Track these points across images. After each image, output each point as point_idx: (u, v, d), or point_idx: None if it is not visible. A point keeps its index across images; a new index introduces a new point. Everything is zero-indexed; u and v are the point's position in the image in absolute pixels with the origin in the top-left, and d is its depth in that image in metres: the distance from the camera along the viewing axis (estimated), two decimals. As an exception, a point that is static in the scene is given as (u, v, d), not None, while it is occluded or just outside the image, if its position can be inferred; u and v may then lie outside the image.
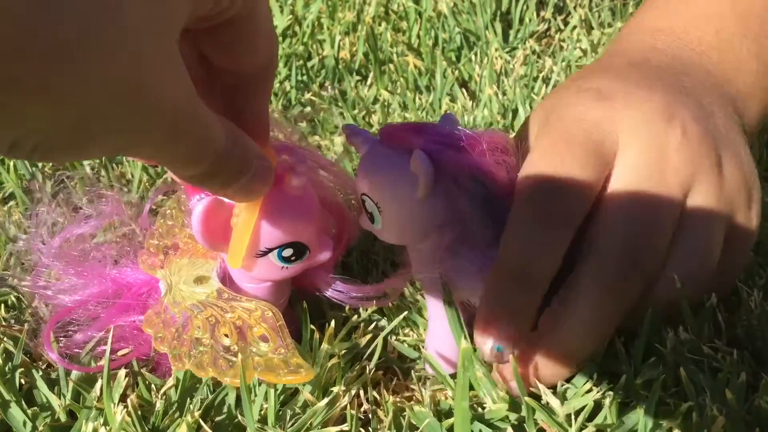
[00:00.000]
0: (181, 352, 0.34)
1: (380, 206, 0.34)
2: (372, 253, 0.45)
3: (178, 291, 0.36)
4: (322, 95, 0.65)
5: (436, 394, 0.36)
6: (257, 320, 0.34)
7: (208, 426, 0.34)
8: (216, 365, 0.33)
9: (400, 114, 0.60)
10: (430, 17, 0.75)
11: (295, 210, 0.34)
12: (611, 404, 0.32)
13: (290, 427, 0.34)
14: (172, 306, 0.35)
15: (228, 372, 0.33)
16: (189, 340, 0.34)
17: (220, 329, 0.34)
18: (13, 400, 0.35)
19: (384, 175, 0.33)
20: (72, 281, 0.38)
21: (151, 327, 0.35)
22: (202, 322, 0.34)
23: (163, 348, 0.34)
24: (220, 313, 0.34)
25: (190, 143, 0.24)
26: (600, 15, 0.76)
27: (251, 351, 0.33)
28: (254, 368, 0.33)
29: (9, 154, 0.20)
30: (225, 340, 0.33)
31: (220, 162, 0.26)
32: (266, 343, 0.33)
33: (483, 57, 0.69)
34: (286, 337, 0.34)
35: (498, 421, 0.34)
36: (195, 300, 0.35)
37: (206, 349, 0.33)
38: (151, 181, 0.54)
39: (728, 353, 0.34)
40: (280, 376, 0.32)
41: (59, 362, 0.37)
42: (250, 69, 0.30)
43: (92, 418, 0.34)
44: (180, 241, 0.39)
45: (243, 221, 0.33)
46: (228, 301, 0.35)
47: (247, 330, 0.34)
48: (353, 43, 0.74)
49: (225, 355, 0.33)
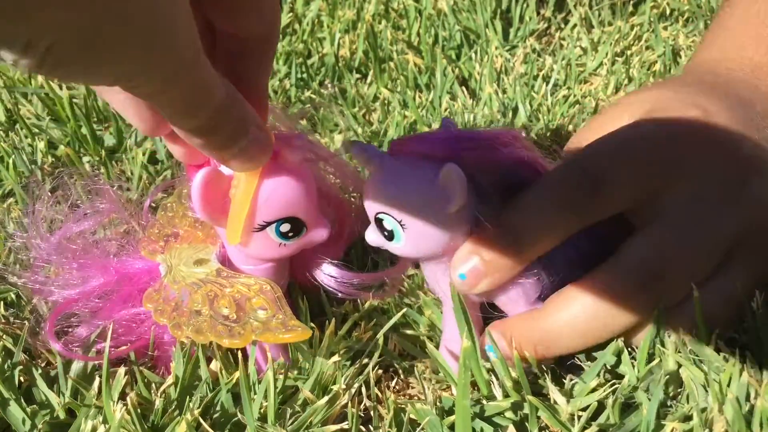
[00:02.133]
0: (180, 321, 0.34)
1: (405, 224, 0.32)
2: (372, 251, 0.45)
3: (178, 271, 0.36)
4: (322, 93, 0.65)
5: (437, 391, 0.36)
6: (256, 293, 0.34)
7: (208, 424, 0.34)
8: (214, 330, 0.33)
9: (400, 112, 0.60)
10: (430, 15, 0.75)
11: (292, 185, 0.33)
12: (614, 404, 0.32)
13: (290, 425, 0.33)
14: (171, 284, 0.35)
15: (226, 335, 0.33)
16: (188, 312, 0.34)
17: (219, 302, 0.34)
18: (13, 397, 0.35)
19: (410, 191, 0.32)
20: (73, 274, 0.38)
21: (151, 302, 0.35)
22: (202, 297, 0.34)
23: (162, 320, 0.34)
24: (220, 288, 0.34)
25: (190, 87, 0.25)
26: (600, 13, 0.76)
27: (249, 319, 0.33)
28: (252, 331, 0.33)
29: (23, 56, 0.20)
30: (224, 310, 0.34)
31: (219, 117, 0.27)
32: (264, 311, 0.33)
33: (483, 55, 0.69)
34: (283, 306, 0.34)
35: (499, 418, 0.34)
36: (195, 278, 0.35)
37: (205, 318, 0.33)
38: (151, 178, 0.54)
39: (730, 354, 0.33)
40: (278, 334, 0.33)
41: (61, 350, 0.37)
42: (253, 35, 0.30)
43: (91, 416, 0.34)
44: (180, 230, 0.39)
45: (242, 192, 0.33)
46: (227, 278, 0.35)
47: (245, 302, 0.34)
48: (353, 41, 0.73)
49: (223, 322, 0.33)
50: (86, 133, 0.58)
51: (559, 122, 0.58)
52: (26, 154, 0.56)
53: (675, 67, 0.65)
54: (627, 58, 0.67)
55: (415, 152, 0.33)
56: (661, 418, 0.32)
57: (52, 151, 0.58)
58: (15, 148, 0.56)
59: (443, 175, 0.31)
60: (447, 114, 0.60)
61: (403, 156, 0.33)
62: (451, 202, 0.31)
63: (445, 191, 0.31)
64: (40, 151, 0.57)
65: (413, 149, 0.33)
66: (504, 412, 0.34)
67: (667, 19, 0.76)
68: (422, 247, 0.33)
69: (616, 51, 0.69)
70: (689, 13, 0.76)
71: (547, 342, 0.34)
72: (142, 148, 0.57)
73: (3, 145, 0.56)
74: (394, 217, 0.32)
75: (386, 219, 0.33)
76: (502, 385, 0.34)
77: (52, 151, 0.58)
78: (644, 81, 0.63)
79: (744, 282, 0.34)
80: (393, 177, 0.33)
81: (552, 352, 0.34)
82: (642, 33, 0.72)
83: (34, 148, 0.57)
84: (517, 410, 0.34)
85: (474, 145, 0.32)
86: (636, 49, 0.70)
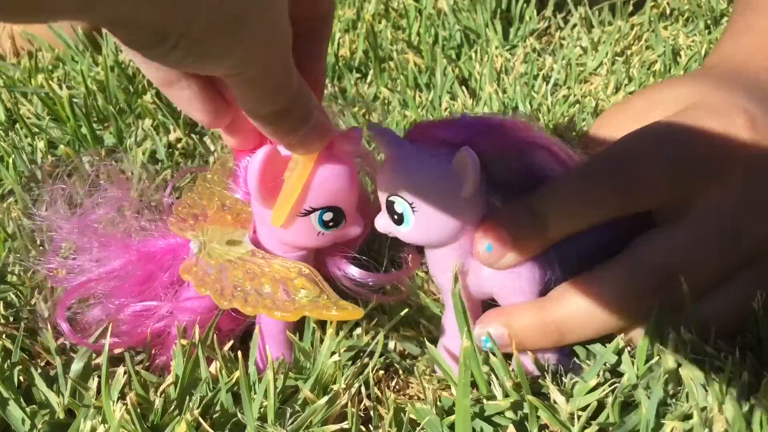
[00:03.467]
0: (225, 292, 0.33)
1: (415, 207, 0.33)
2: (372, 250, 0.45)
3: (213, 248, 0.36)
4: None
5: (437, 390, 0.36)
6: (297, 274, 0.34)
7: (208, 424, 0.34)
8: (263, 304, 0.33)
9: (400, 112, 0.60)
10: (430, 15, 0.75)
11: (342, 175, 0.34)
12: (614, 404, 0.32)
13: (290, 425, 0.33)
14: (208, 259, 0.35)
15: (276, 307, 0.32)
16: (230, 283, 0.34)
17: (260, 279, 0.34)
18: (12, 397, 0.35)
19: (424, 174, 0.32)
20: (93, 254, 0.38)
21: (190, 274, 0.35)
22: (242, 274, 0.34)
23: (204, 290, 0.34)
24: (258, 267, 0.34)
25: (282, 71, 0.27)
26: (600, 13, 0.76)
27: (295, 296, 0.33)
28: (303, 306, 0.32)
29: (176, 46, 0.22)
30: (266, 287, 0.33)
31: (294, 101, 0.28)
32: (307, 291, 0.33)
33: (483, 55, 0.69)
34: (326, 288, 0.34)
35: (499, 418, 0.34)
36: (231, 256, 0.35)
37: (250, 293, 0.33)
38: (151, 178, 0.54)
39: (730, 353, 0.33)
40: (330, 311, 0.32)
41: (68, 333, 0.37)
42: (316, 14, 0.32)
43: (91, 416, 0.34)
44: (210, 211, 0.39)
45: (297, 174, 0.33)
46: (265, 259, 0.35)
47: (287, 282, 0.34)
48: (353, 40, 0.73)
49: (269, 297, 0.33)
50: (86, 132, 0.58)
51: (559, 122, 0.58)
52: (26, 154, 0.56)
53: (675, 66, 0.65)
54: (627, 58, 0.67)
55: (433, 137, 0.33)
56: (660, 417, 0.32)
57: (52, 151, 0.58)
58: (15, 147, 0.56)
59: (457, 159, 0.31)
60: (447, 114, 0.60)
61: (420, 141, 0.33)
62: (463, 187, 0.31)
63: (459, 176, 0.31)
64: (40, 150, 0.57)
65: (432, 134, 0.33)
66: (504, 411, 0.34)
67: (667, 19, 0.76)
68: (431, 233, 0.33)
69: (616, 51, 0.69)
70: (689, 12, 0.76)
71: (563, 330, 0.34)
72: (142, 147, 0.56)
73: (3, 145, 0.56)
74: (405, 199, 0.33)
75: (397, 201, 0.33)
76: (502, 384, 0.34)
77: (52, 151, 0.58)
78: (644, 81, 0.63)
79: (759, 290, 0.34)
80: (408, 160, 0.33)
81: (567, 340, 0.34)
82: (642, 33, 0.72)
83: (34, 148, 0.57)
84: (517, 410, 0.34)
85: (491, 131, 0.33)
86: (636, 48, 0.70)
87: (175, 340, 0.37)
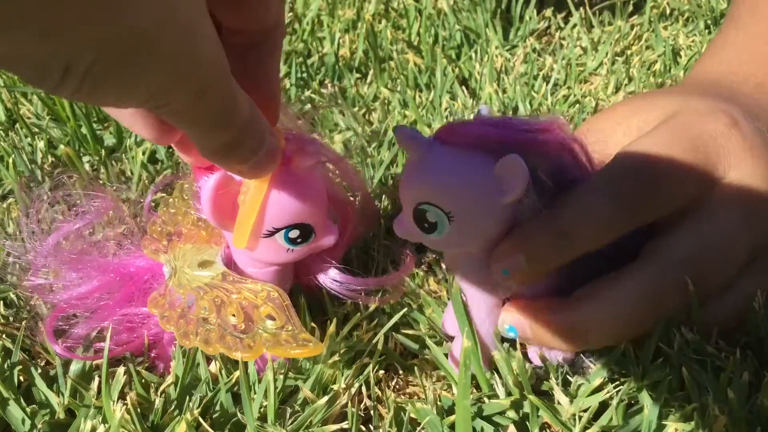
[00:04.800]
0: (188, 330, 0.33)
1: (453, 215, 0.30)
2: (371, 250, 0.45)
3: (183, 274, 0.36)
4: (322, 93, 0.65)
5: (438, 390, 0.36)
6: (263, 300, 0.34)
7: (208, 424, 0.34)
8: (224, 342, 0.33)
9: (400, 112, 0.60)
10: (430, 15, 0.75)
11: (303, 190, 0.33)
12: (617, 405, 0.32)
13: (290, 424, 0.33)
14: (177, 288, 0.35)
15: (236, 347, 0.32)
16: (195, 320, 0.34)
17: (226, 309, 0.34)
18: (12, 397, 0.35)
19: (463, 180, 0.30)
20: (72, 276, 0.38)
21: (157, 308, 0.35)
22: (208, 303, 0.34)
23: (169, 327, 0.34)
24: (226, 294, 0.34)
25: (221, 102, 0.24)
26: (600, 13, 0.76)
27: (258, 330, 0.33)
28: (263, 344, 0.32)
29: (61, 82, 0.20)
30: (231, 319, 0.33)
31: (244, 132, 0.26)
32: (273, 321, 0.33)
33: (483, 55, 0.69)
34: (292, 316, 0.33)
35: (500, 417, 0.34)
36: (200, 282, 0.35)
37: (213, 327, 0.33)
38: (151, 178, 0.54)
39: (731, 353, 0.33)
40: (289, 349, 0.32)
41: (60, 351, 0.37)
42: (262, 28, 0.30)
43: (91, 416, 0.34)
44: (183, 228, 0.39)
45: (251, 198, 0.33)
46: (233, 283, 0.35)
47: (254, 310, 0.34)
48: (353, 40, 0.73)
49: (232, 332, 0.33)
50: (86, 132, 0.58)
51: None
52: (26, 154, 0.56)
53: (675, 66, 0.65)
54: (627, 58, 0.67)
55: (467, 138, 0.31)
56: (662, 419, 0.32)
57: (52, 151, 0.58)
58: (15, 147, 0.56)
59: (505, 164, 0.29)
60: (447, 113, 0.60)
61: (452, 143, 0.31)
62: (507, 194, 0.30)
63: (500, 181, 0.30)
64: (40, 150, 0.57)
65: (466, 135, 0.31)
66: (505, 411, 0.34)
67: (667, 19, 0.76)
68: (464, 241, 0.32)
69: (616, 51, 0.69)
70: (689, 12, 0.76)
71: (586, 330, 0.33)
72: (142, 147, 0.56)
73: (3, 145, 0.56)
74: (441, 209, 0.30)
75: (431, 210, 0.31)
76: (504, 383, 0.34)
77: (52, 151, 0.58)
78: (644, 81, 0.63)
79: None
80: (444, 165, 0.30)
81: (589, 343, 0.34)
82: (642, 33, 0.72)
83: (34, 148, 0.57)
84: (518, 409, 0.34)
85: (533, 131, 0.31)
86: (636, 48, 0.69)
87: (168, 345, 0.38)
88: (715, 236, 0.33)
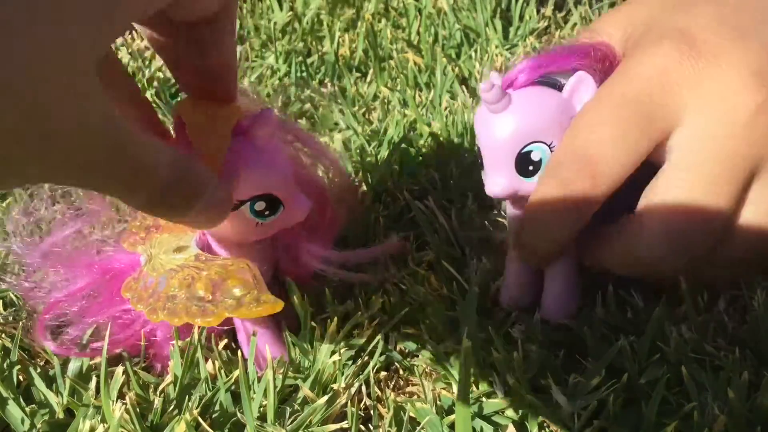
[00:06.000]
0: (156, 306, 0.33)
1: (553, 144, 0.33)
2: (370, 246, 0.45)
3: (158, 260, 0.36)
4: (322, 92, 0.65)
5: (437, 389, 0.36)
6: (232, 273, 0.33)
7: (207, 424, 0.34)
8: (189, 312, 0.32)
9: (400, 111, 0.60)
10: (430, 14, 0.75)
11: (263, 161, 0.33)
12: (614, 403, 0.32)
13: (290, 424, 0.33)
14: (150, 272, 0.35)
15: (199, 315, 0.32)
16: (164, 296, 0.33)
17: (195, 285, 0.33)
18: (11, 397, 0.35)
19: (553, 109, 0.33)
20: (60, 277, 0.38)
21: (129, 291, 0.35)
22: (179, 282, 0.34)
23: (139, 306, 0.34)
24: (196, 271, 0.34)
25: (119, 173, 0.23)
26: (600, 12, 0.76)
27: (224, 298, 0.33)
28: (225, 309, 0.32)
29: None
30: (200, 292, 0.33)
31: (168, 191, 0.25)
32: (239, 289, 0.33)
33: (483, 54, 0.69)
34: (260, 284, 0.33)
35: (499, 417, 0.34)
36: (173, 265, 0.35)
37: (180, 301, 0.33)
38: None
39: (730, 351, 0.33)
40: (251, 308, 0.32)
41: (55, 350, 0.37)
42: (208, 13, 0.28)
43: (90, 416, 0.34)
44: (162, 221, 0.38)
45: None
46: (205, 262, 0.35)
47: (222, 282, 0.33)
48: (353, 39, 0.73)
49: (197, 303, 0.33)
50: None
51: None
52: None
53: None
54: (627, 57, 0.67)
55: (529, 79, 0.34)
56: (661, 417, 0.32)
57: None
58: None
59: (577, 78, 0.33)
60: (447, 113, 0.60)
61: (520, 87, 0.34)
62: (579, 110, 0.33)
63: (572, 102, 0.33)
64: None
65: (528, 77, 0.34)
66: (504, 410, 0.34)
67: (667, 18, 0.76)
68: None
69: (617, 49, 0.68)
70: (689, 11, 0.75)
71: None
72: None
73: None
74: (544, 142, 0.33)
75: (535, 149, 0.33)
76: (503, 382, 0.34)
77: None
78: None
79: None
80: (530, 104, 0.33)
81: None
82: (642, 31, 0.72)
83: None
84: (517, 409, 0.34)
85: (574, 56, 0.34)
86: (636, 47, 0.69)
87: (163, 343, 0.38)
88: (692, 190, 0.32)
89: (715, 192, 0.32)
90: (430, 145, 0.55)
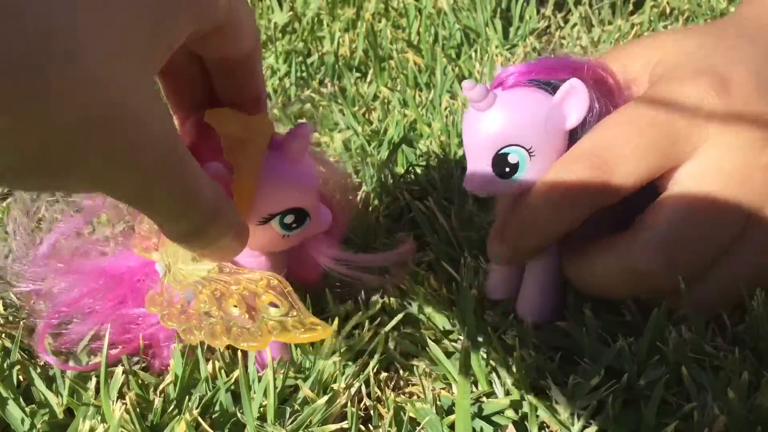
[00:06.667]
0: (191, 326, 0.33)
1: (533, 150, 0.33)
2: (371, 249, 0.45)
3: (178, 270, 0.36)
4: (322, 92, 0.65)
5: (437, 390, 0.36)
6: (264, 288, 0.33)
7: (207, 423, 0.34)
8: (230, 333, 0.32)
9: (400, 111, 0.60)
10: (430, 14, 0.75)
11: (296, 175, 0.33)
12: (614, 403, 0.32)
13: (290, 424, 0.33)
14: (173, 285, 0.35)
15: (243, 337, 0.32)
16: (197, 314, 0.33)
17: (227, 301, 0.33)
18: (11, 397, 0.35)
19: (535, 114, 0.33)
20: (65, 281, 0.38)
21: (156, 306, 0.35)
22: (208, 297, 0.33)
23: (171, 324, 0.34)
24: (225, 286, 0.34)
25: (173, 192, 0.23)
26: (600, 12, 0.76)
27: (263, 318, 0.32)
28: (269, 332, 0.32)
29: None
30: (234, 310, 0.33)
31: (206, 222, 0.26)
32: (276, 309, 0.32)
33: (483, 54, 0.69)
34: (296, 302, 0.33)
35: (499, 417, 0.34)
36: (197, 277, 0.35)
37: (217, 320, 0.33)
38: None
39: (730, 352, 0.33)
40: (298, 334, 0.32)
41: (55, 363, 0.37)
42: (239, 54, 0.30)
43: (90, 416, 0.34)
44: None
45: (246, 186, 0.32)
46: (231, 275, 0.34)
47: (255, 299, 0.33)
48: (353, 39, 0.73)
49: (237, 323, 0.32)
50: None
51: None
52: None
53: (675, 65, 0.65)
54: (627, 57, 0.67)
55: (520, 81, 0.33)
56: (660, 417, 0.32)
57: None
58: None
59: (568, 87, 0.32)
60: (447, 113, 0.60)
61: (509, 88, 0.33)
62: (571, 118, 0.33)
63: (562, 109, 0.33)
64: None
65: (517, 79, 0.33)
66: (504, 410, 0.34)
67: (667, 18, 0.76)
68: (541, 174, 0.34)
69: (617, 50, 0.68)
70: (689, 12, 0.75)
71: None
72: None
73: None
74: (522, 146, 0.33)
75: (512, 152, 0.33)
76: (503, 383, 0.34)
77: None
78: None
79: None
80: (519, 105, 0.33)
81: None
82: (642, 32, 0.72)
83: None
84: (517, 409, 0.34)
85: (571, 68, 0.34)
86: (636, 47, 0.69)
87: (164, 344, 0.37)
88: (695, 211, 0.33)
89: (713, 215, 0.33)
90: (430, 145, 0.55)
